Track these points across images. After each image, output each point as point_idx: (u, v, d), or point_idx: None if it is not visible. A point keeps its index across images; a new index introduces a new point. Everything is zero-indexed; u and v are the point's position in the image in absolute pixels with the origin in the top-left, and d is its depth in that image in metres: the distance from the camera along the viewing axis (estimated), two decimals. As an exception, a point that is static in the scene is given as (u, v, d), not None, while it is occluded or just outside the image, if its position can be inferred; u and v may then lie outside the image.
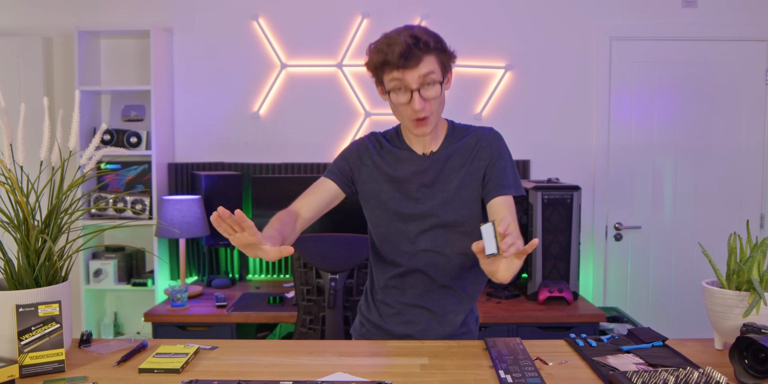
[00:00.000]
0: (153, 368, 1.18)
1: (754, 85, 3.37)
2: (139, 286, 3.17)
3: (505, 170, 1.51)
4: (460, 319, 1.57)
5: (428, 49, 1.38)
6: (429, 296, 1.55)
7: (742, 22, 3.33)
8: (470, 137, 1.56)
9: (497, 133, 1.57)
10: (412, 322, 1.56)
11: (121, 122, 3.34)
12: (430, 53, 1.39)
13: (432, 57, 1.39)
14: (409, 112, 1.42)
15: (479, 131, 1.57)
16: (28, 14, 3.31)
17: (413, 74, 1.38)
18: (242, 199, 3.22)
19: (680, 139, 3.39)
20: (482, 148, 1.53)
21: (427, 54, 1.38)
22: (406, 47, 1.35)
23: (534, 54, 3.34)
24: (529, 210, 2.82)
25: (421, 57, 1.37)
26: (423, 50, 1.37)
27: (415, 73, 1.38)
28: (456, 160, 1.53)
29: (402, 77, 1.38)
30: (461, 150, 1.54)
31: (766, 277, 1.27)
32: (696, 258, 3.39)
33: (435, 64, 1.40)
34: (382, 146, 1.59)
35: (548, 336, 2.63)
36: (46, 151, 1.28)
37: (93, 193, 3.14)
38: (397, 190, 1.54)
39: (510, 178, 1.51)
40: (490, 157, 1.52)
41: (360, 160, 1.58)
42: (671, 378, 1.06)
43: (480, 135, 1.55)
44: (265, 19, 3.32)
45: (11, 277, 1.24)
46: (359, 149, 1.60)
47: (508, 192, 1.49)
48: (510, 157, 1.55)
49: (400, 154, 1.56)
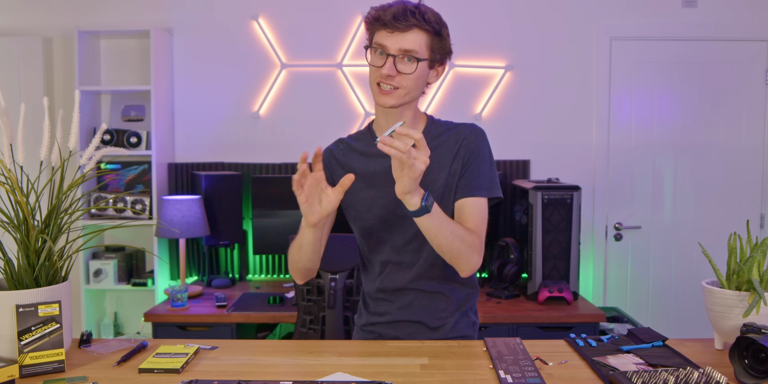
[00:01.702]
0: (153, 368, 1.18)
1: (754, 85, 3.37)
2: (139, 286, 3.17)
3: (479, 170, 1.45)
4: (450, 324, 1.50)
5: (422, 21, 1.34)
6: (419, 304, 1.49)
7: (742, 23, 3.34)
8: (450, 134, 1.49)
9: (479, 130, 1.50)
10: (400, 329, 1.51)
11: (121, 122, 3.34)
12: (422, 27, 1.34)
13: (423, 34, 1.35)
14: (377, 74, 1.37)
15: (460, 128, 1.50)
16: (28, 14, 3.31)
17: (396, 40, 1.33)
18: (242, 199, 3.22)
19: (680, 139, 3.39)
20: (462, 147, 1.46)
21: (419, 27, 1.34)
22: (402, 9, 1.33)
23: (534, 54, 3.34)
24: (529, 210, 2.82)
25: (411, 25, 1.33)
26: (417, 20, 1.33)
27: (398, 40, 1.33)
28: (437, 160, 1.44)
29: (384, 40, 1.34)
30: (442, 148, 1.46)
31: (766, 277, 1.27)
32: (696, 258, 3.39)
33: (423, 42, 1.35)
34: (352, 148, 1.53)
35: (548, 336, 2.63)
36: (46, 151, 1.28)
37: (93, 193, 3.14)
38: (376, 196, 1.47)
39: (484, 178, 1.44)
40: (468, 156, 1.45)
41: (331, 171, 1.52)
42: (671, 378, 1.06)
43: (461, 132, 1.48)
44: (265, 19, 3.32)
45: (11, 277, 1.24)
46: (328, 161, 1.53)
47: (479, 194, 1.42)
48: (489, 156, 1.48)
49: (372, 151, 1.47)
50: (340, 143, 1.57)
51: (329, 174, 1.52)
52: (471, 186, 1.43)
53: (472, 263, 1.37)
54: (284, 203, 3.12)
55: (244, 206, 3.27)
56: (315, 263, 1.44)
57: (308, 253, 1.39)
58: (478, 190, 1.43)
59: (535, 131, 3.36)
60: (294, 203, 1.30)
